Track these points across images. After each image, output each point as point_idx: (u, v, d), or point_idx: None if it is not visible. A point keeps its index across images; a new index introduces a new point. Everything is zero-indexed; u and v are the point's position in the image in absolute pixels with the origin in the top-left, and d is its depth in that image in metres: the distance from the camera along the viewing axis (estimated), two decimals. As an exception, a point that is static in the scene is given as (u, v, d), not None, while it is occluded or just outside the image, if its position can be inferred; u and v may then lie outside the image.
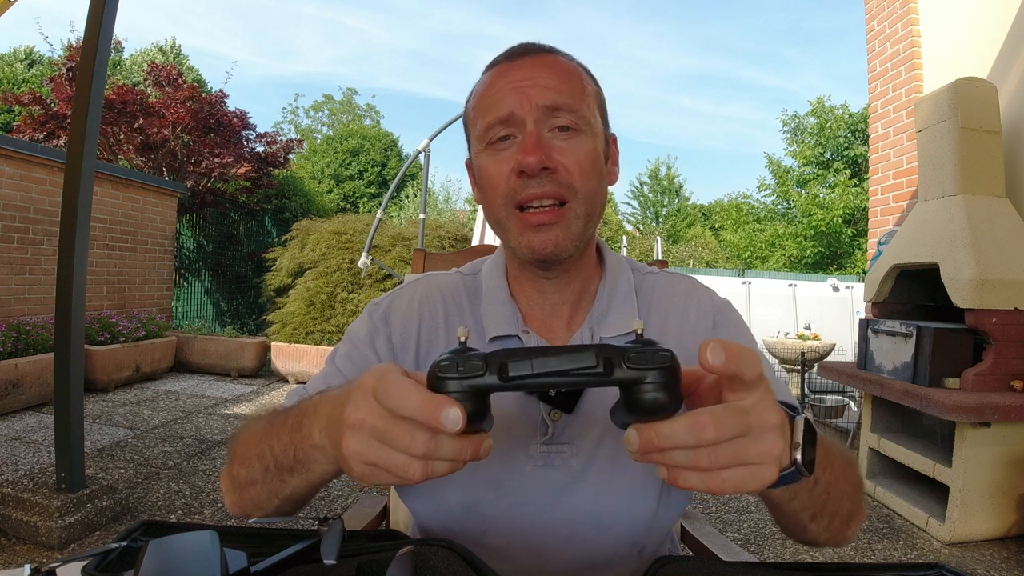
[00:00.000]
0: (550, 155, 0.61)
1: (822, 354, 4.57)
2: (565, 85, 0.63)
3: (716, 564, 0.52)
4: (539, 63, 0.64)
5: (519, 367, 0.40)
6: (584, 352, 0.40)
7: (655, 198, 20.56)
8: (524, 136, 0.61)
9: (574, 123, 0.62)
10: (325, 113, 20.23)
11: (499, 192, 0.63)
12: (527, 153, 0.60)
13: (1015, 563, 2.27)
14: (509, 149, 0.62)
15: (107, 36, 2.16)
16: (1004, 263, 2.53)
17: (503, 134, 0.62)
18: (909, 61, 3.76)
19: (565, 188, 0.61)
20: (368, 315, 0.73)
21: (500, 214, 0.64)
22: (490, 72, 0.66)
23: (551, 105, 0.61)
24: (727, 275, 9.70)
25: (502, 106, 0.62)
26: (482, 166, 0.65)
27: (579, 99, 0.63)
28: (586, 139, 0.63)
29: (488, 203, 0.66)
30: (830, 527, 0.58)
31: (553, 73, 0.63)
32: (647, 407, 0.40)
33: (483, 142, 0.64)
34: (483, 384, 0.40)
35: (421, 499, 0.68)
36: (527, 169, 0.60)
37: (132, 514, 2.38)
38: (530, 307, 0.70)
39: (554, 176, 0.61)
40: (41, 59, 12.38)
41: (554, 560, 0.64)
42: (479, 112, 0.65)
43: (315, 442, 0.48)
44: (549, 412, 0.65)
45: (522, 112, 0.61)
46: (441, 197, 11.72)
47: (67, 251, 2.13)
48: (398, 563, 0.46)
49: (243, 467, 0.58)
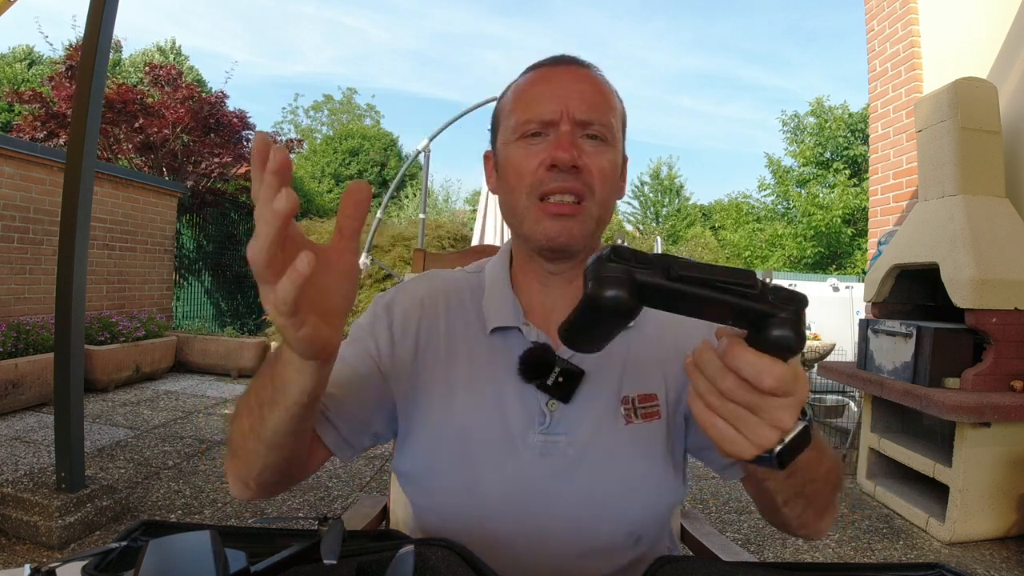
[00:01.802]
0: (580, 155, 0.65)
1: (822, 354, 4.57)
2: (600, 102, 0.68)
3: (716, 564, 0.52)
4: (580, 76, 0.70)
5: (686, 268, 0.39)
6: (744, 272, 0.40)
7: (655, 198, 20.56)
8: (558, 135, 0.66)
9: (602, 134, 0.68)
10: (325, 113, 20.26)
11: (525, 181, 0.67)
12: (562, 149, 0.65)
13: (1015, 563, 2.27)
14: (540, 144, 0.67)
15: (107, 36, 2.16)
16: (1004, 263, 2.53)
17: (536, 131, 0.67)
18: (909, 61, 3.76)
19: (586, 187, 0.66)
20: (373, 305, 0.76)
21: (521, 202, 0.68)
22: (532, 73, 0.72)
23: (586, 119, 0.67)
24: (727, 275, 9.68)
25: (543, 109, 0.67)
26: (511, 156, 0.69)
27: (609, 115, 0.69)
28: (609, 150, 0.68)
29: (511, 190, 0.69)
30: (803, 515, 0.60)
31: (591, 88, 0.69)
32: (776, 343, 0.39)
33: (516, 134, 0.68)
34: (646, 280, 0.39)
35: (420, 488, 0.70)
36: (560, 163, 0.65)
37: (132, 514, 2.38)
38: (531, 301, 0.73)
39: (580, 175, 0.66)
40: (41, 59, 12.39)
41: (551, 549, 0.65)
42: (517, 107, 0.69)
43: (284, 358, 0.50)
44: (547, 402, 0.67)
45: (559, 119, 0.66)
46: (441, 197, 11.73)
47: (67, 251, 2.13)
48: (398, 563, 0.46)
49: (235, 428, 0.60)
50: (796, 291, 0.40)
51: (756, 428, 0.42)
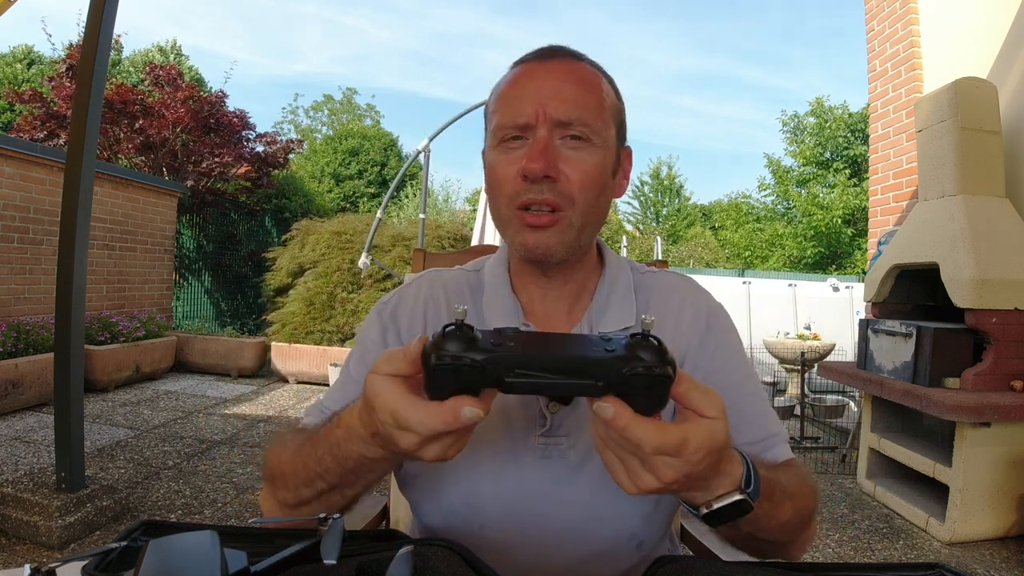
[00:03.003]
0: (554, 164, 0.62)
1: (822, 354, 4.57)
2: (584, 98, 0.64)
3: (716, 564, 0.52)
4: (565, 71, 0.65)
5: (519, 379, 0.41)
6: (592, 375, 0.41)
7: (655, 198, 20.54)
8: (534, 141, 0.63)
9: (585, 135, 0.64)
10: (325, 113, 20.22)
11: (504, 191, 0.65)
12: (532, 160, 0.62)
13: (1015, 563, 2.27)
14: (519, 151, 0.64)
15: (107, 36, 2.16)
16: (1004, 263, 2.53)
17: (514, 135, 0.64)
18: (909, 61, 3.76)
19: (562, 197, 0.63)
20: (377, 315, 0.74)
21: (503, 211, 0.67)
22: (516, 70, 0.68)
23: (565, 120, 0.63)
24: (727, 275, 9.70)
25: (519, 113, 0.64)
26: (492, 162, 0.67)
27: (595, 113, 0.64)
28: (594, 151, 0.64)
29: (493, 198, 0.68)
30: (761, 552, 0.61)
31: (575, 85, 0.64)
32: (640, 409, 0.43)
33: (496, 139, 0.66)
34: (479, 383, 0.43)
35: (421, 492, 0.69)
36: (530, 175, 0.62)
37: (132, 514, 2.38)
38: (531, 301, 0.72)
39: (555, 185, 0.63)
40: (41, 59, 12.38)
41: (553, 553, 0.65)
42: (498, 109, 0.67)
43: (376, 458, 0.52)
44: (547, 404, 0.66)
45: (536, 123, 0.63)
46: (441, 197, 11.72)
47: (67, 251, 2.13)
48: (398, 563, 0.46)
49: (289, 492, 0.60)
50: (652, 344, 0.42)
51: (639, 472, 0.45)
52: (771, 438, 0.67)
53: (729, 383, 0.67)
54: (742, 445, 0.65)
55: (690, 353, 0.70)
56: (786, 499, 0.56)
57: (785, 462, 0.66)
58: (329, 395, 0.71)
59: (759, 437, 0.66)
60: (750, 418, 0.67)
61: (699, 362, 0.69)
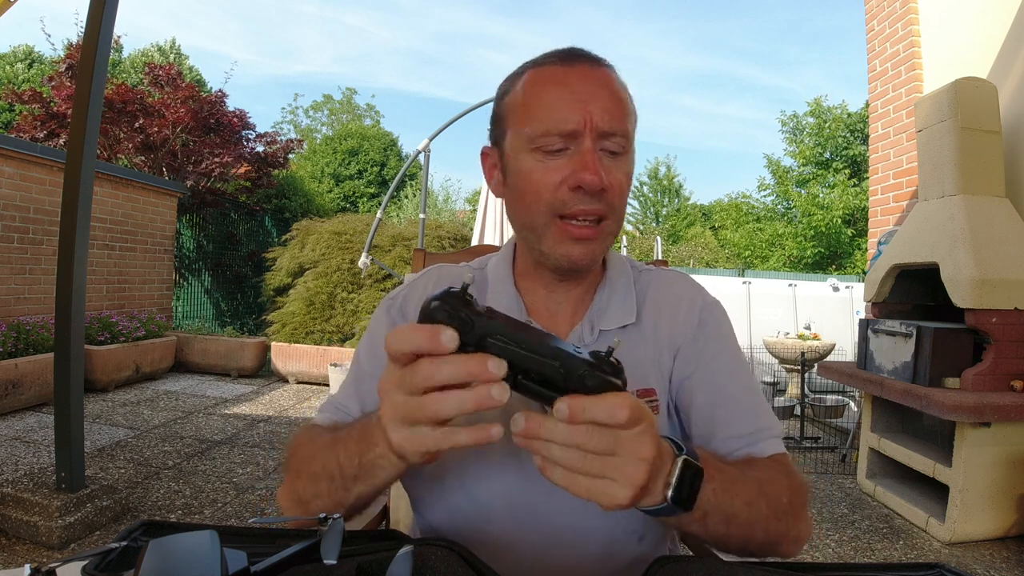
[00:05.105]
0: (604, 177, 0.62)
1: (822, 354, 4.57)
2: (619, 109, 0.64)
3: (716, 564, 0.52)
4: (598, 78, 0.64)
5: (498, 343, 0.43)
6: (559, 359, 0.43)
7: (655, 198, 20.53)
8: (581, 153, 0.62)
9: (622, 147, 0.64)
10: (325, 113, 20.21)
11: (543, 199, 0.63)
12: (590, 172, 0.61)
13: (1015, 563, 2.27)
14: (561, 159, 0.63)
15: (107, 36, 2.16)
16: (1004, 263, 2.53)
17: (560, 147, 0.63)
18: (909, 61, 3.76)
19: (608, 207, 0.64)
20: (386, 311, 0.75)
21: (539, 220, 0.65)
22: (543, 71, 0.65)
23: (608, 131, 0.62)
24: (727, 275, 9.70)
25: (564, 120, 0.62)
26: (525, 169, 0.65)
27: (627, 122, 0.65)
28: (627, 161, 0.66)
29: (526, 206, 0.66)
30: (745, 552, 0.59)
31: (610, 95, 0.64)
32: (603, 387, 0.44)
33: (532, 144, 0.64)
34: None
35: (424, 489, 0.70)
36: (587, 187, 0.61)
37: (132, 514, 2.38)
38: (535, 300, 0.73)
39: (604, 196, 0.63)
40: (41, 59, 12.37)
41: (555, 549, 0.65)
42: (532, 113, 0.64)
43: (379, 450, 0.51)
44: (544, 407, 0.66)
45: (583, 131, 0.62)
46: (441, 197, 11.71)
47: (67, 251, 2.13)
48: (398, 563, 0.46)
49: (308, 482, 0.60)
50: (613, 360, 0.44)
51: (623, 468, 0.43)
52: (759, 432, 0.66)
53: (718, 376, 0.69)
54: (728, 438, 0.66)
55: (683, 347, 0.71)
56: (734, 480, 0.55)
57: (769, 457, 0.65)
58: (343, 390, 0.72)
59: (746, 431, 0.66)
60: (738, 412, 0.67)
61: (690, 355, 0.70)
